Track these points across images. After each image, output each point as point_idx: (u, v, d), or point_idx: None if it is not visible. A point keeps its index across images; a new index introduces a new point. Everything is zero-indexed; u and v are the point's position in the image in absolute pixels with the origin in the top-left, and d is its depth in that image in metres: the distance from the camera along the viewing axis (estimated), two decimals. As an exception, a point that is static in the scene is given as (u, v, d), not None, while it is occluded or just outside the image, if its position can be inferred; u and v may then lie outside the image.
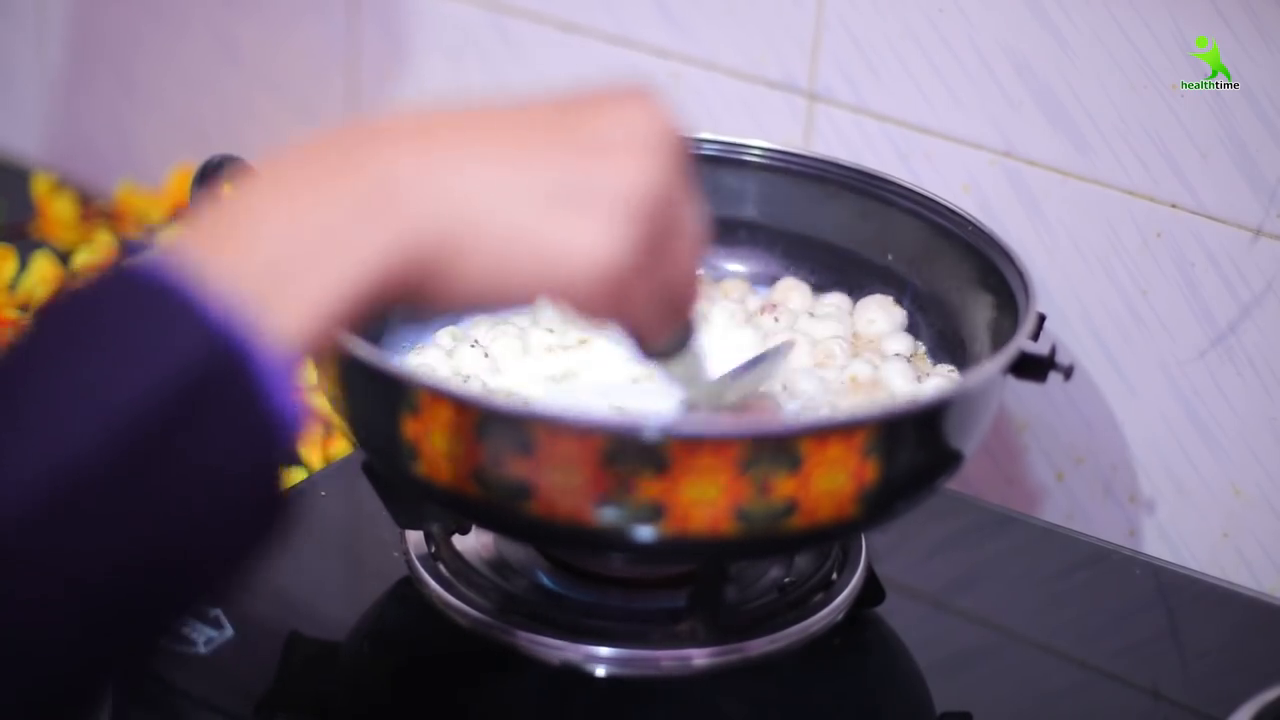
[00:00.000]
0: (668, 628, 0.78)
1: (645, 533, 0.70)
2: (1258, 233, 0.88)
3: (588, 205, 0.54)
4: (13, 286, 1.11)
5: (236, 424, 0.50)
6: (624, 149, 0.55)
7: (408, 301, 0.55)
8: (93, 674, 0.50)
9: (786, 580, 0.82)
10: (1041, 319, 0.79)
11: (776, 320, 0.88)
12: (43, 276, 1.11)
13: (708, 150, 0.92)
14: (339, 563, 0.89)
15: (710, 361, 0.72)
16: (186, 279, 0.50)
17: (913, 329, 0.89)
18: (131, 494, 0.48)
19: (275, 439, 0.51)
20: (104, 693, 0.51)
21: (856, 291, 0.91)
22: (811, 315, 0.89)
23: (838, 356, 0.85)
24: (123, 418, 0.48)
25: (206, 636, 0.78)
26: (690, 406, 0.74)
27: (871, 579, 0.84)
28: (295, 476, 0.95)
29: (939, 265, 0.89)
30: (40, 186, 1.22)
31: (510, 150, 0.55)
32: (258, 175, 0.54)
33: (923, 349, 0.88)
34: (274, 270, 0.52)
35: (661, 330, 0.62)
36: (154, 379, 0.48)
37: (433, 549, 0.82)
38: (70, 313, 0.50)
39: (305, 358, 0.52)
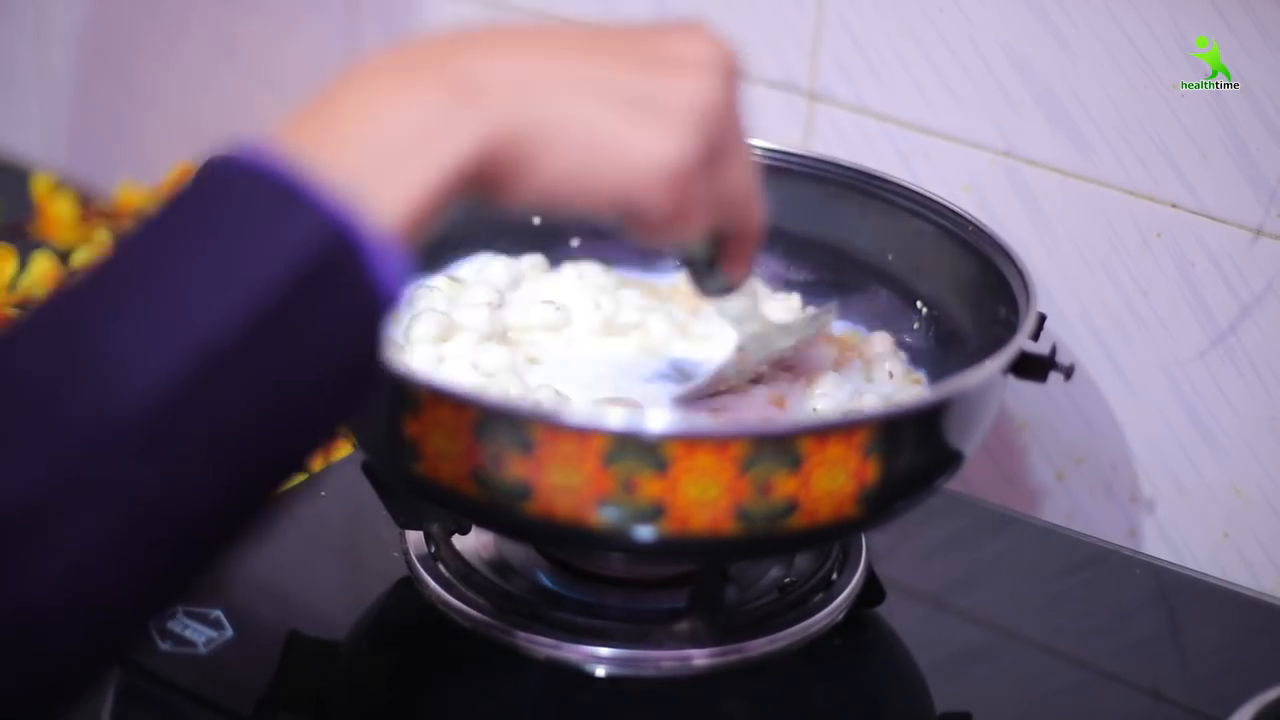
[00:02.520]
0: (668, 628, 0.78)
1: (645, 532, 0.70)
2: (1258, 233, 0.88)
3: (659, 113, 0.60)
4: (13, 286, 1.11)
5: (347, 303, 0.54)
6: (692, 67, 0.61)
7: (490, 194, 0.59)
8: (231, 528, 0.56)
9: (786, 580, 0.82)
10: (1042, 319, 0.79)
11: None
12: (42, 276, 1.11)
13: None
14: (339, 563, 0.89)
15: (763, 305, 0.77)
16: (294, 171, 0.54)
17: (912, 329, 0.90)
18: (258, 369, 0.53)
19: (380, 315, 0.55)
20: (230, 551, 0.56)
21: (858, 291, 0.91)
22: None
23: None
24: (249, 300, 0.53)
25: (206, 636, 0.77)
26: (743, 348, 0.80)
27: (871, 579, 0.84)
28: (295, 477, 0.94)
29: (939, 265, 0.89)
30: (40, 186, 1.22)
31: (589, 60, 0.60)
32: (343, 78, 0.58)
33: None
34: (374, 161, 0.56)
35: (732, 253, 0.70)
36: (274, 263, 0.53)
37: (433, 549, 0.82)
38: (185, 208, 0.55)
39: (406, 243, 0.56)
